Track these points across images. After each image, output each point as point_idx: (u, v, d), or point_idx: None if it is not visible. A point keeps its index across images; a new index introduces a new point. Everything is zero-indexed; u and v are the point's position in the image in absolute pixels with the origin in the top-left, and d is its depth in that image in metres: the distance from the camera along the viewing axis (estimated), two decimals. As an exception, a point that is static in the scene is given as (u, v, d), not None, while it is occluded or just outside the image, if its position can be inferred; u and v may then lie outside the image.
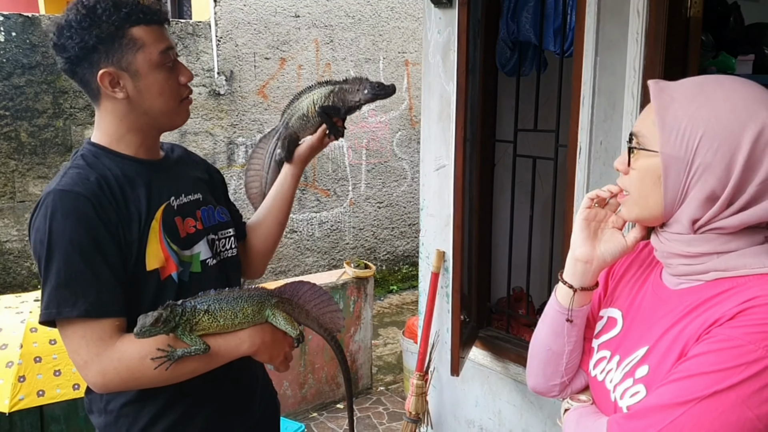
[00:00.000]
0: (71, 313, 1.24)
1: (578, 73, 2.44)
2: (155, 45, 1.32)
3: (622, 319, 1.13)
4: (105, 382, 1.28)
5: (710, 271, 0.99)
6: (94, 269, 1.26)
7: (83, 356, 1.27)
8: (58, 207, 1.26)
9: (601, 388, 1.12)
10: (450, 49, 2.92)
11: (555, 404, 2.69)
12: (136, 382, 1.30)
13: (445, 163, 3.03)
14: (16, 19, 4.31)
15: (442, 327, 3.16)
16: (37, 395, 2.46)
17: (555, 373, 1.22)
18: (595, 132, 2.43)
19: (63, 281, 1.24)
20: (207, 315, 1.30)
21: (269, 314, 1.38)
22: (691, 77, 1.01)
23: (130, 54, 1.30)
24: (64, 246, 1.25)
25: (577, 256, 1.13)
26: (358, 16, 5.80)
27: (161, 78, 1.34)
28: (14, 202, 4.43)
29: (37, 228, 1.29)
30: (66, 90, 4.50)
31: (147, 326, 1.22)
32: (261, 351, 1.39)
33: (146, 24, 1.31)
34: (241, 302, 1.34)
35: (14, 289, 4.39)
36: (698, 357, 0.92)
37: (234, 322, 1.33)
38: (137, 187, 1.37)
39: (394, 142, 6.18)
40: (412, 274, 6.45)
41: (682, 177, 0.96)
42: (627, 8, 2.27)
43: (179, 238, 1.41)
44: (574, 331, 1.18)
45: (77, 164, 1.35)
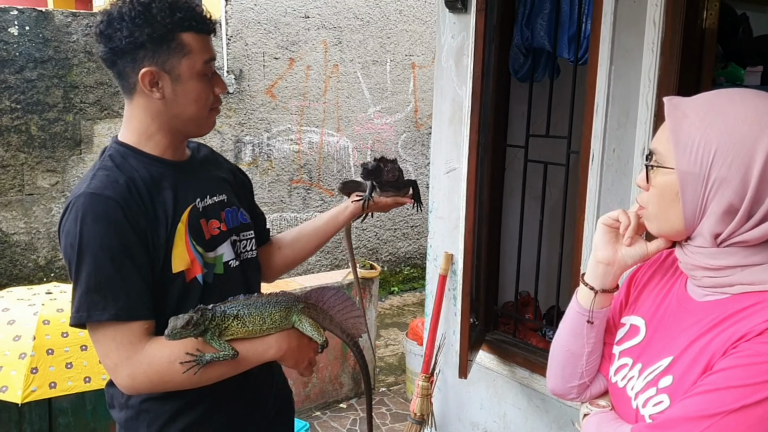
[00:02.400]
0: (101, 316, 1.26)
1: (592, 80, 2.47)
2: (201, 54, 1.34)
3: (645, 327, 1.14)
4: (134, 385, 1.30)
5: (736, 284, 1.00)
6: (123, 273, 1.28)
7: (113, 359, 1.28)
8: (89, 211, 1.27)
9: (622, 394, 1.13)
10: (463, 53, 2.95)
11: (561, 409, 2.72)
12: (165, 385, 1.32)
13: (455, 167, 3.06)
14: (30, 13, 4.33)
15: (449, 329, 3.18)
16: (49, 387, 2.47)
17: (573, 374, 1.25)
18: (608, 140, 2.45)
19: (93, 285, 1.26)
20: (236, 320, 1.31)
21: (296, 320, 1.40)
22: (704, 93, 1.02)
23: (175, 58, 1.32)
24: (94, 250, 1.26)
25: (599, 259, 1.15)
26: (366, 18, 5.83)
27: (199, 86, 1.36)
28: (22, 194, 4.45)
29: (67, 231, 1.30)
30: (77, 85, 4.52)
31: (178, 328, 1.24)
32: (287, 356, 1.41)
33: (196, 32, 1.33)
34: (269, 308, 1.35)
35: (21, 281, 4.41)
36: (725, 371, 0.93)
37: (262, 328, 1.35)
38: (164, 190, 1.38)
39: (399, 144, 6.21)
40: (413, 276, 6.47)
41: (700, 192, 0.97)
42: (643, 18, 2.30)
43: (204, 240, 1.42)
44: (593, 332, 1.20)
45: (106, 165, 1.36)
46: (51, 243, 4.60)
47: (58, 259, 4.64)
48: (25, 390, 2.41)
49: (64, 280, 4.43)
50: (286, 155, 5.60)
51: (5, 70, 4.29)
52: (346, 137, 5.88)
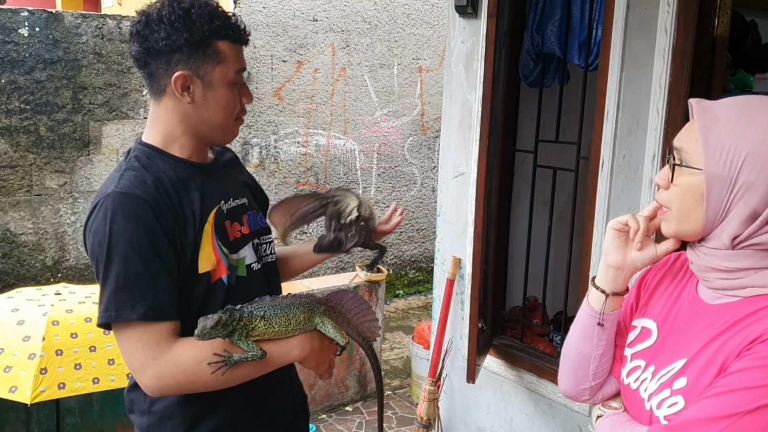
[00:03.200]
0: (130, 316, 1.25)
1: (603, 87, 2.48)
2: (234, 63, 1.36)
3: (657, 329, 1.16)
4: (160, 386, 1.29)
5: (747, 286, 1.01)
6: (152, 272, 1.27)
7: (139, 359, 1.28)
8: (119, 209, 1.27)
9: (635, 396, 1.14)
10: (473, 58, 2.96)
11: (568, 414, 2.72)
12: (192, 386, 1.31)
13: (464, 171, 3.06)
14: (40, 14, 4.35)
15: (456, 334, 3.18)
16: (58, 388, 2.48)
17: (585, 377, 1.26)
18: (618, 146, 2.46)
19: (122, 284, 1.25)
20: (263, 321, 1.32)
21: (318, 322, 1.41)
22: (731, 98, 1.03)
23: (210, 65, 1.33)
24: (124, 249, 1.26)
25: (610, 263, 1.17)
26: (374, 22, 5.84)
27: (229, 94, 1.37)
28: (30, 195, 4.46)
29: (96, 230, 1.29)
30: (86, 86, 4.54)
31: (208, 329, 1.24)
32: (309, 358, 1.42)
33: (232, 41, 1.35)
34: (293, 309, 1.36)
35: (28, 281, 4.42)
36: (741, 372, 0.95)
37: (288, 329, 1.36)
38: (190, 191, 1.39)
39: (405, 147, 6.21)
40: (418, 279, 6.48)
41: (725, 195, 0.98)
42: (654, 25, 2.30)
43: (228, 242, 1.43)
44: (604, 335, 1.22)
45: (133, 166, 1.36)
46: (58, 243, 4.61)
47: (65, 260, 4.66)
48: (34, 390, 2.42)
49: (71, 280, 4.44)
50: (293, 158, 5.61)
51: (15, 70, 4.31)
52: (352, 140, 5.89)
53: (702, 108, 1.02)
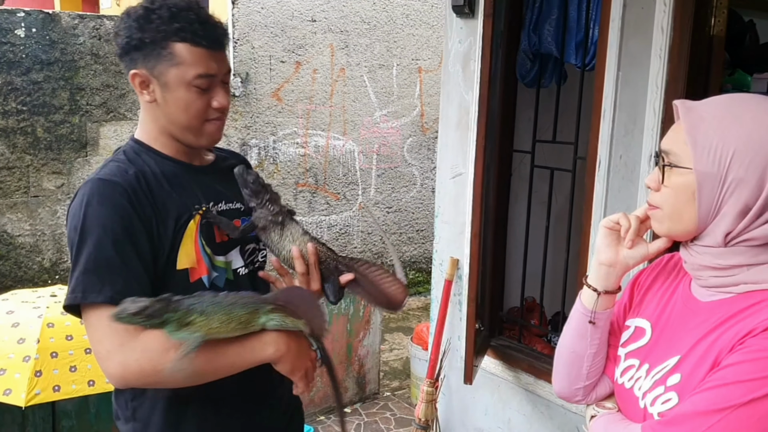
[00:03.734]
0: (96, 298, 1.22)
1: (600, 86, 2.46)
2: (193, 67, 1.32)
3: (651, 329, 1.16)
4: (125, 375, 1.25)
5: (740, 283, 1.02)
6: (123, 257, 1.26)
7: (106, 346, 1.24)
8: (95, 194, 1.27)
9: (629, 395, 1.14)
10: (470, 58, 2.94)
11: (565, 415, 2.70)
12: (157, 376, 1.25)
13: (461, 171, 3.05)
14: (36, 15, 4.34)
15: (454, 335, 3.17)
16: (53, 390, 2.47)
17: (579, 376, 1.26)
18: (615, 146, 2.44)
19: (92, 266, 1.23)
20: (201, 316, 1.25)
21: (265, 320, 1.33)
22: (714, 97, 1.05)
23: (164, 65, 1.32)
24: (96, 232, 1.25)
25: (602, 261, 1.18)
26: (373, 22, 5.83)
27: (188, 97, 1.34)
28: (28, 197, 4.46)
29: (72, 214, 1.29)
30: (83, 87, 4.53)
31: (125, 314, 1.17)
32: (285, 358, 1.34)
33: (193, 44, 1.31)
34: (236, 308, 1.29)
35: (25, 283, 4.41)
36: (733, 366, 0.95)
37: (228, 327, 1.28)
38: (174, 186, 1.39)
39: (405, 148, 6.20)
40: (418, 280, 6.46)
41: (716, 192, 1.00)
42: (651, 25, 2.29)
43: (214, 243, 1.42)
44: (597, 334, 1.22)
45: (118, 158, 1.38)
46: (56, 245, 4.60)
47: (63, 262, 4.65)
48: (29, 393, 2.41)
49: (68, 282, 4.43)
50: (292, 159, 5.60)
51: (12, 71, 4.30)
52: (352, 141, 5.88)
53: (687, 108, 1.03)
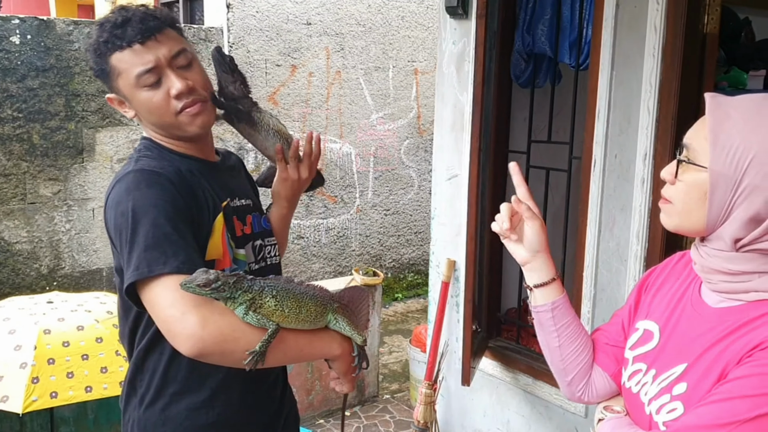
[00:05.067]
0: (163, 269, 1.19)
1: (594, 86, 2.46)
2: (130, 69, 1.31)
3: (659, 332, 1.14)
4: (203, 336, 1.17)
5: (751, 291, 0.99)
6: (180, 232, 1.25)
7: (180, 307, 1.18)
8: (141, 180, 1.27)
9: (636, 400, 1.13)
10: (464, 59, 2.94)
11: (564, 416, 2.70)
12: (235, 343, 1.20)
13: (457, 173, 3.05)
14: (31, 22, 4.34)
15: (452, 336, 3.16)
16: (50, 397, 2.46)
17: (560, 371, 1.29)
18: (609, 145, 2.44)
19: (151, 243, 1.22)
20: (274, 300, 1.23)
21: (332, 319, 1.33)
22: (749, 95, 1.00)
23: (113, 82, 1.33)
24: (150, 211, 1.24)
25: (520, 263, 1.25)
26: (368, 25, 5.83)
27: (144, 98, 1.33)
28: (25, 203, 4.45)
29: (117, 202, 1.27)
30: (78, 93, 4.53)
31: (194, 284, 1.15)
32: (344, 358, 1.37)
33: (120, 49, 1.30)
34: (306, 299, 1.28)
35: (23, 290, 4.41)
36: (741, 379, 0.93)
37: (298, 317, 1.27)
38: (203, 180, 1.40)
39: (402, 150, 6.20)
40: (417, 282, 6.46)
41: (728, 195, 0.96)
42: (644, 23, 2.29)
43: (235, 236, 1.43)
44: (550, 327, 1.24)
45: (147, 154, 1.38)
46: (54, 252, 4.60)
47: (60, 268, 4.64)
48: (26, 400, 2.40)
49: (67, 289, 4.43)
50: (289, 162, 5.59)
51: (7, 78, 4.30)
52: (348, 144, 5.88)
53: (716, 104, 0.99)
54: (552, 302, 1.23)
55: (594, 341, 1.30)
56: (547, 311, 1.24)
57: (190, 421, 1.39)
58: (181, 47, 1.35)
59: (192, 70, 1.37)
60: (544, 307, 1.24)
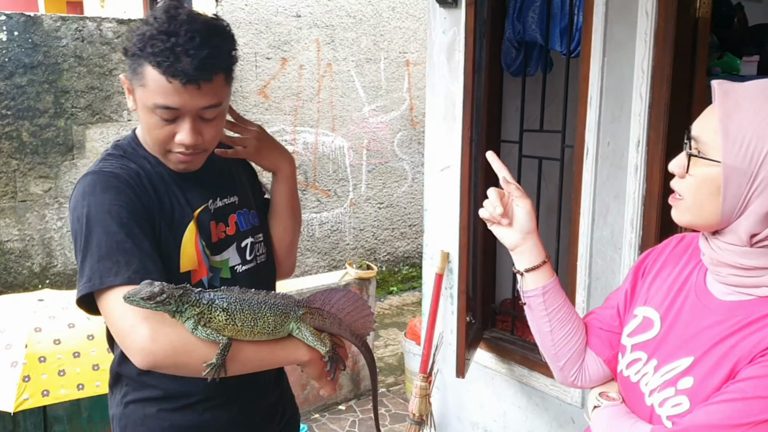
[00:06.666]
0: (114, 281, 1.18)
1: (585, 73, 2.44)
2: (154, 94, 1.23)
3: (660, 321, 1.11)
4: (153, 349, 1.15)
5: (763, 285, 0.97)
6: (134, 239, 1.22)
7: (129, 321, 1.16)
8: (97, 184, 1.25)
9: (635, 389, 1.11)
10: (455, 49, 2.91)
11: (561, 406, 2.68)
12: (187, 355, 1.18)
13: (449, 164, 3.03)
14: (18, 18, 4.29)
15: (446, 328, 3.15)
16: (41, 395, 2.44)
17: (552, 357, 1.27)
18: (602, 133, 2.42)
19: (104, 253, 1.19)
20: (224, 313, 1.19)
21: (294, 328, 1.29)
22: (757, 81, 0.96)
23: (136, 82, 1.27)
24: (103, 218, 1.21)
25: (510, 247, 1.23)
26: (359, 16, 5.79)
27: (150, 121, 1.27)
28: (15, 201, 4.41)
29: (74, 206, 1.26)
30: (67, 89, 4.48)
31: (137, 297, 1.11)
32: (314, 363, 1.34)
33: (160, 72, 1.21)
34: (263, 309, 1.24)
35: (15, 289, 4.38)
36: (753, 380, 0.91)
37: (253, 330, 1.23)
38: (174, 186, 1.35)
39: (395, 143, 6.17)
40: (412, 275, 6.44)
41: (744, 190, 0.93)
42: (635, 9, 2.26)
43: (211, 243, 1.39)
44: (541, 312, 1.23)
45: (113, 154, 1.35)
46: (45, 250, 4.57)
47: (52, 266, 4.61)
48: (17, 399, 2.39)
49: (59, 287, 4.40)
50: (281, 156, 5.55)
51: (-5, 76, 4.25)
52: (341, 137, 5.85)
53: (724, 92, 0.94)
54: (543, 286, 1.21)
55: (587, 325, 1.28)
56: (538, 296, 1.22)
57: (169, 422, 1.37)
58: (216, 101, 1.27)
59: (211, 124, 1.29)
60: (534, 292, 1.22)
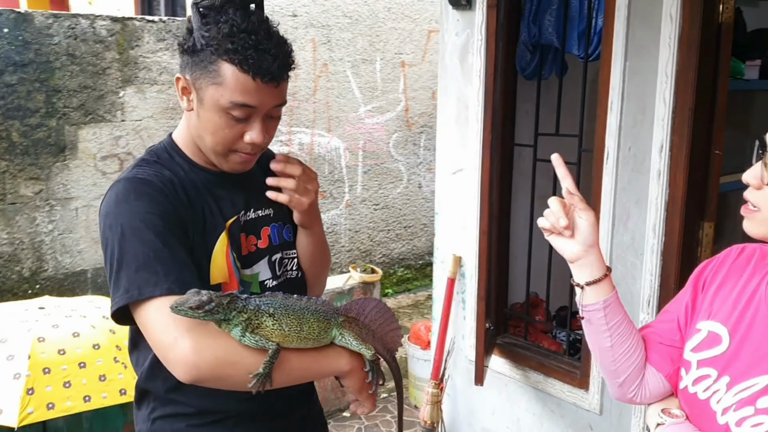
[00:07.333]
0: (154, 292, 1.14)
1: (606, 77, 2.41)
2: (232, 92, 1.18)
3: (729, 336, 1.08)
4: (198, 362, 1.11)
5: None
6: (171, 249, 1.18)
7: (171, 333, 1.12)
8: (131, 191, 1.20)
9: (704, 407, 1.07)
10: (468, 51, 2.87)
11: (578, 413, 2.65)
12: (232, 367, 1.14)
13: (462, 167, 2.98)
14: (8, 15, 4.17)
15: (458, 334, 3.10)
16: (46, 408, 2.35)
17: (611, 373, 1.23)
18: (623, 138, 2.40)
19: (142, 263, 1.15)
20: (272, 319, 1.17)
21: (336, 334, 1.25)
22: None
23: (206, 80, 1.20)
24: (138, 227, 1.17)
25: (569, 259, 1.18)
26: (355, 17, 5.73)
27: (219, 121, 1.22)
28: (4, 204, 4.28)
29: (106, 212, 1.21)
30: (59, 89, 4.36)
31: (185, 306, 1.08)
32: (355, 374, 1.28)
33: (240, 69, 1.17)
34: (308, 314, 1.21)
35: (4, 294, 4.25)
36: None
37: (299, 335, 1.20)
38: (207, 195, 1.31)
39: (391, 144, 6.12)
40: (407, 277, 6.40)
41: None
42: (659, 13, 2.24)
43: (241, 256, 1.33)
44: (602, 327, 1.18)
45: (147, 159, 1.30)
46: (36, 254, 4.44)
47: (43, 270, 4.48)
48: (21, 412, 2.29)
49: (50, 292, 4.28)
50: (276, 157, 5.48)
51: (-16, 74, 4.13)
52: (337, 137, 5.78)
53: None
54: (604, 300, 1.17)
55: (645, 339, 1.24)
56: (599, 310, 1.18)
57: None
58: (284, 99, 1.27)
59: (273, 123, 1.29)
60: (595, 306, 1.17)
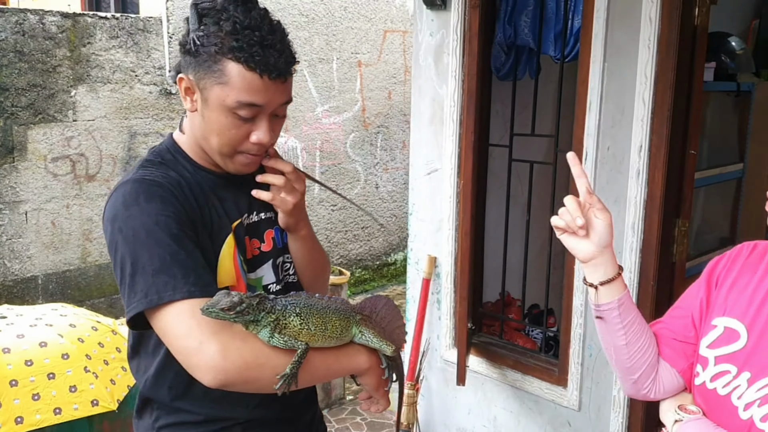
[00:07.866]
0: (174, 296, 1.09)
1: (584, 78, 2.45)
2: (239, 92, 1.15)
3: (747, 332, 1.10)
4: (225, 366, 1.07)
5: None
6: (187, 252, 1.13)
7: (197, 337, 1.07)
8: (140, 192, 1.14)
9: (724, 403, 1.09)
10: (443, 51, 2.87)
11: (556, 410, 2.69)
12: (260, 370, 1.11)
13: (437, 167, 2.98)
14: (-49, 8, 3.95)
15: (432, 334, 3.10)
16: (15, 422, 2.23)
17: (627, 370, 1.24)
18: (602, 138, 2.44)
19: (159, 266, 1.10)
20: (299, 318, 1.15)
21: (356, 332, 1.25)
22: None
23: (210, 80, 1.16)
24: (152, 229, 1.12)
25: (581, 259, 1.18)
26: (311, 15, 5.67)
27: (225, 121, 1.18)
28: (-52, 208, 4.05)
29: (114, 216, 1.14)
30: (7, 87, 4.15)
31: (217, 308, 1.05)
32: (373, 370, 1.27)
33: (246, 67, 1.14)
34: (329, 313, 1.20)
35: (-51, 303, 4.02)
36: None
37: (324, 334, 1.18)
38: (212, 198, 1.26)
39: (348, 144, 6.08)
40: (364, 278, 6.37)
41: None
42: (638, 14, 2.29)
43: (246, 259, 1.29)
44: (617, 325, 1.20)
45: (152, 161, 1.25)
46: (-18, 259, 4.22)
47: (-10, 277, 4.26)
48: (-12, 428, 2.17)
49: (10, 300, 4.07)
50: (233, 158, 5.37)
51: (-75, 71, 3.89)
52: (294, 138, 5.71)
53: None
54: (618, 299, 1.18)
55: (657, 335, 1.26)
56: (613, 309, 1.19)
57: None
58: (290, 96, 1.26)
59: (279, 122, 1.28)
60: (610, 305, 1.19)
